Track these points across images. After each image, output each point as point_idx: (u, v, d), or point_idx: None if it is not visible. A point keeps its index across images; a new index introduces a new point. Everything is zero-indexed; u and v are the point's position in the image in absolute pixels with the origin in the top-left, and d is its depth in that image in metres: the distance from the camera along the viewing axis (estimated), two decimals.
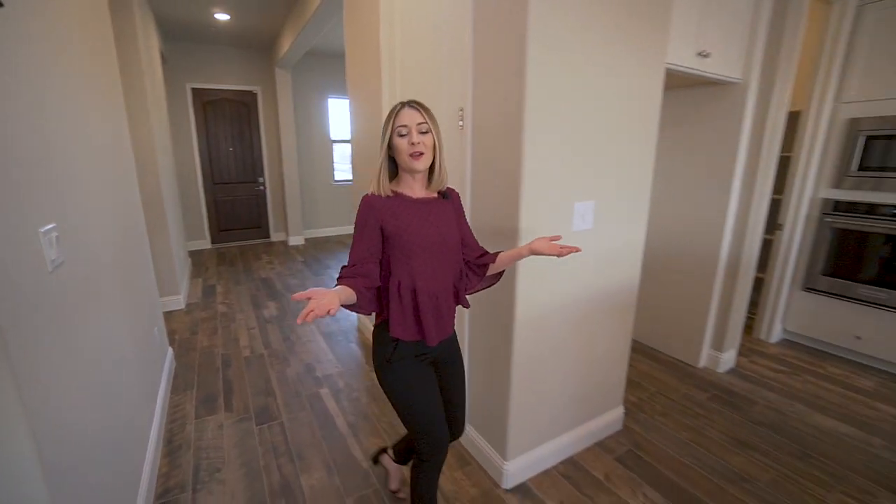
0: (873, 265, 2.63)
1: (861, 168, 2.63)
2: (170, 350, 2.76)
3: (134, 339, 1.82)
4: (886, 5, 2.48)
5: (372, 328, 1.33)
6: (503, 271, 1.38)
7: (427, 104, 1.16)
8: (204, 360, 2.86)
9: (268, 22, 4.73)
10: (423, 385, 1.24)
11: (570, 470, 1.87)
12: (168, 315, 3.52)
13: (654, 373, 2.68)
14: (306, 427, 2.17)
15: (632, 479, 1.82)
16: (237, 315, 3.61)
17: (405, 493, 1.68)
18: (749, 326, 3.27)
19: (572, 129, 1.52)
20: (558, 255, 1.20)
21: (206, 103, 5.77)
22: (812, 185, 2.85)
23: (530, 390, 1.72)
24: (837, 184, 2.75)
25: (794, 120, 2.99)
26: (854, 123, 2.65)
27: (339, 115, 6.66)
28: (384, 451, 1.73)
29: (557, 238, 1.24)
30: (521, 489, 1.77)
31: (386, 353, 1.20)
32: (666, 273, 2.83)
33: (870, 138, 2.58)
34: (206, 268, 5.13)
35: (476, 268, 1.31)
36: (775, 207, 3.27)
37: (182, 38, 5.29)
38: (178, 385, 2.55)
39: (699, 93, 2.49)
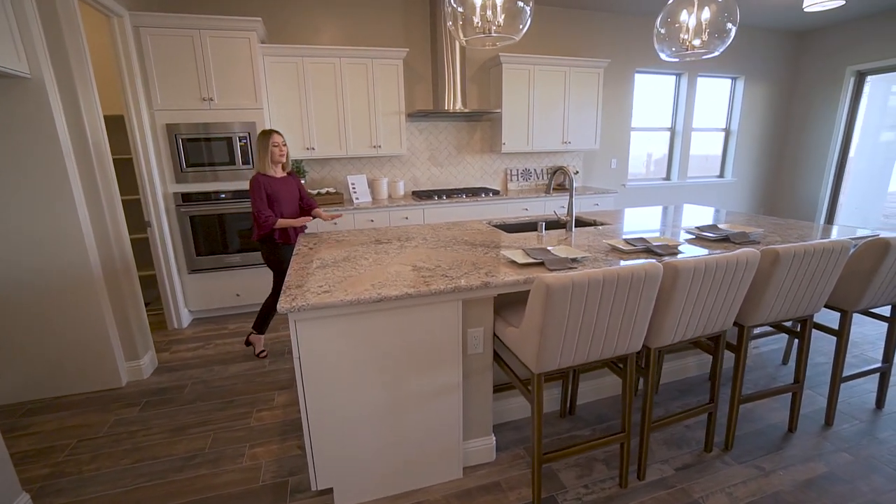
0: (222, 238, 3.38)
1: (189, 165, 3.19)
2: None
3: None
4: (154, 32, 2.96)
5: None
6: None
7: None
8: None
9: None
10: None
11: None
12: None
13: (68, 423, 2.24)
14: None
15: None
16: None
17: (267, 351, 2.94)
18: (161, 322, 3.39)
19: None
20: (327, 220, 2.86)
21: None
22: (160, 182, 3.16)
23: None
24: (179, 179, 3.21)
25: (120, 124, 3.11)
26: (172, 128, 3.12)
27: None
28: (249, 335, 2.90)
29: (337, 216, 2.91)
30: None
31: (277, 247, 2.65)
32: (36, 309, 2.32)
33: (185, 140, 3.15)
34: None
35: (307, 208, 2.81)
36: (138, 207, 3.40)
37: None
38: None
39: None
